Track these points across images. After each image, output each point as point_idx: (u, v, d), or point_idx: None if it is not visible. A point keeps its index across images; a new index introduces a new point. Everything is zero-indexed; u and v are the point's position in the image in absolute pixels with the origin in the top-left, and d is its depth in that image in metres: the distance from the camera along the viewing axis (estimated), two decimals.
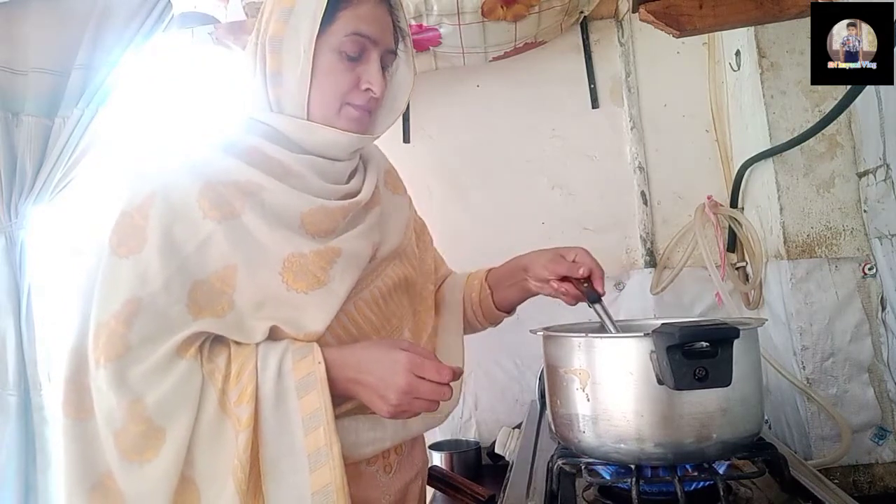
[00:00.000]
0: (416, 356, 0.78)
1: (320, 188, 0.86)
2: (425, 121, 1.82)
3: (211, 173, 0.81)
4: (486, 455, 1.61)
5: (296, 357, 0.77)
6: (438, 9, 1.47)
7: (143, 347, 0.74)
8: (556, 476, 0.90)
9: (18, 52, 1.66)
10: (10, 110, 1.65)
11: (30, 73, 1.64)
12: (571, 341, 0.89)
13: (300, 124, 0.86)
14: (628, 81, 1.75)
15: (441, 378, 0.77)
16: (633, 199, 1.73)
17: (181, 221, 0.78)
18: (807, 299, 1.28)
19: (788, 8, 1.10)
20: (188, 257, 0.77)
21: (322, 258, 0.81)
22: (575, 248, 1.00)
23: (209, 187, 0.80)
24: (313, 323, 0.80)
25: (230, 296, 0.78)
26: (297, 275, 0.80)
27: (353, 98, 0.87)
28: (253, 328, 0.79)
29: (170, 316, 0.76)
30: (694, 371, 0.74)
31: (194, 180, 0.80)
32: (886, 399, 1.25)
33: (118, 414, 0.73)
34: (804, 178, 1.32)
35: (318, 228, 0.83)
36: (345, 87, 0.86)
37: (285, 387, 0.75)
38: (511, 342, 1.69)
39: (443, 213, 1.79)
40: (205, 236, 0.78)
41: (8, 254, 1.63)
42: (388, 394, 0.76)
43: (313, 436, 0.74)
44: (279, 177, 0.83)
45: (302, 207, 0.83)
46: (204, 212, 0.78)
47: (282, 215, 0.82)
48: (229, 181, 0.81)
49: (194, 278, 0.77)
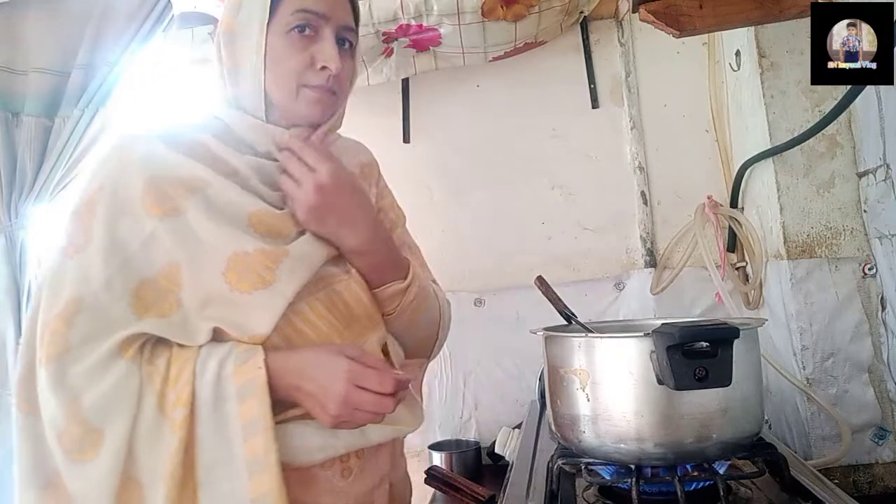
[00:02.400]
0: (359, 365, 0.74)
1: (265, 193, 0.82)
2: (425, 121, 1.82)
3: (155, 168, 0.78)
4: (486, 455, 1.61)
5: (237, 361, 0.74)
6: (438, 9, 1.47)
7: (83, 347, 0.73)
8: (556, 476, 0.90)
9: (18, 52, 1.65)
10: (10, 110, 1.65)
11: (30, 73, 1.64)
12: (571, 341, 0.89)
13: (251, 123, 0.84)
14: (628, 81, 1.75)
15: (383, 389, 0.73)
16: (633, 199, 1.74)
17: (126, 217, 0.76)
18: (807, 299, 1.28)
19: (788, 8, 1.10)
20: (133, 255, 0.76)
21: (267, 257, 0.77)
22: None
23: (152, 183, 0.77)
24: (258, 325, 0.76)
25: (177, 294, 0.76)
26: (240, 274, 0.76)
27: (310, 79, 0.83)
28: (197, 329, 0.76)
29: (111, 315, 0.73)
30: (694, 371, 0.75)
31: (139, 175, 0.77)
32: (886, 399, 1.25)
33: (58, 413, 0.72)
34: (804, 178, 1.32)
35: (268, 229, 0.80)
36: (298, 67, 0.82)
37: (224, 391, 0.73)
38: (511, 342, 1.69)
39: (443, 213, 1.79)
40: (149, 233, 0.76)
41: (8, 254, 1.63)
42: (327, 403, 0.73)
43: (251, 443, 0.71)
44: (225, 175, 0.80)
45: (249, 206, 0.80)
46: (147, 208, 0.76)
47: (228, 213, 0.78)
48: (174, 177, 0.78)
49: (141, 276, 0.75)
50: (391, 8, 1.49)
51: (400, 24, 1.53)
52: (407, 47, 1.64)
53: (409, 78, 1.79)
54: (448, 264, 1.75)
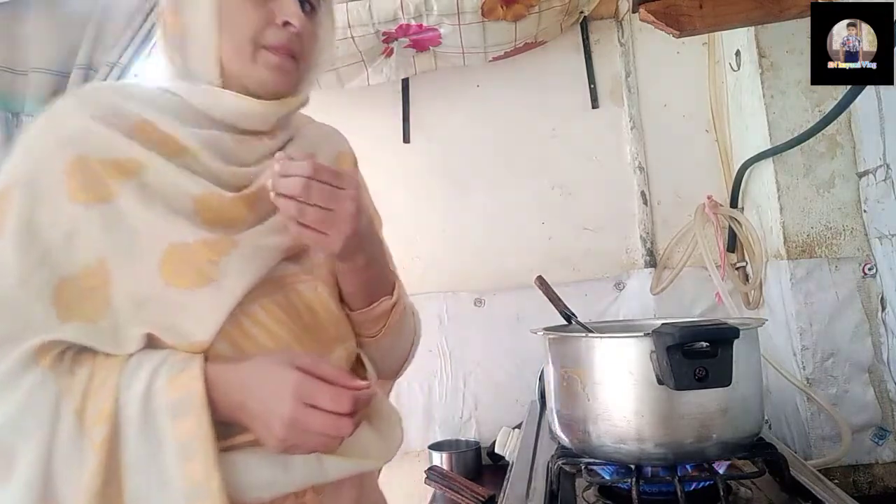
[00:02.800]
0: (309, 378, 0.62)
1: (218, 171, 0.71)
2: (425, 121, 1.82)
3: (85, 148, 0.66)
4: (486, 455, 1.61)
5: (172, 372, 0.62)
6: (438, 9, 1.47)
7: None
8: (556, 476, 0.90)
9: (18, 52, 1.65)
10: (10, 110, 1.65)
11: (30, 73, 1.64)
12: (571, 341, 0.89)
13: (204, 90, 0.73)
14: (628, 81, 1.75)
15: (338, 407, 0.61)
16: (633, 199, 1.74)
17: (46, 205, 0.65)
18: (807, 299, 1.28)
19: (788, 8, 1.10)
20: (53, 248, 0.64)
21: (211, 249, 0.66)
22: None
23: (80, 164, 0.66)
24: (198, 328, 0.65)
25: (105, 294, 0.64)
26: (178, 269, 0.65)
27: (269, 38, 0.72)
28: (126, 337, 0.64)
29: (27, 316, 0.63)
30: (694, 371, 0.75)
31: (65, 155, 0.66)
32: (886, 399, 1.25)
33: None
34: (804, 178, 1.32)
35: (216, 217, 0.68)
36: (256, 25, 0.72)
37: (154, 407, 0.61)
38: (511, 342, 1.69)
39: (443, 213, 1.79)
40: (71, 223, 0.64)
41: None
42: (273, 424, 0.61)
43: (189, 468, 0.60)
44: (168, 155, 0.69)
45: (194, 190, 0.68)
46: (71, 194, 0.65)
47: (168, 198, 0.67)
48: (107, 158, 0.66)
49: (61, 273, 0.64)
50: (391, 8, 1.49)
51: (400, 24, 1.53)
52: (407, 47, 1.64)
53: (409, 78, 1.79)
54: (448, 264, 1.75)
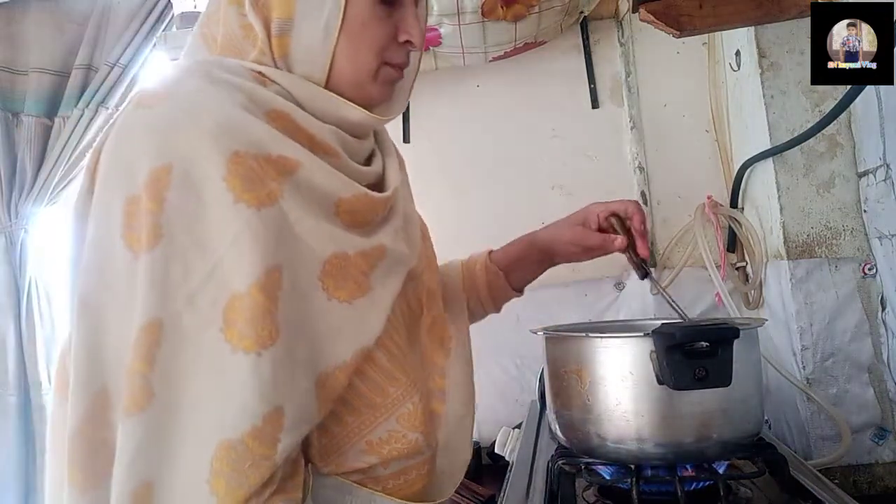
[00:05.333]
0: None
1: (356, 170, 0.66)
2: (425, 121, 1.82)
3: (238, 142, 0.56)
4: (486, 455, 1.60)
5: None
6: (438, 9, 1.47)
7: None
8: (556, 476, 0.90)
9: (18, 52, 1.66)
10: (10, 110, 1.66)
11: (30, 73, 1.65)
12: (571, 341, 0.89)
13: (320, 93, 0.65)
14: (628, 81, 1.75)
15: None
16: (633, 199, 1.73)
17: (209, 207, 0.54)
18: (807, 299, 1.28)
19: (788, 8, 1.10)
20: (222, 258, 0.54)
21: (366, 260, 0.63)
22: (593, 208, 0.89)
23: (239, 160, 0.55)
24: (350, 345, 0.61)
25: (274, 316, 0.54)
26: (338, 282, 0.60)
27: (392, 55, 0.67)
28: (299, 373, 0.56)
29: (202, 344, 0.53)
30: (694, 371, 0.75)
31: (218, 150, 0.55)
32: (886, 399, 1.25)
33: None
34: (804, 178, 1.32)
35: (355, 219, 0.63)
36: (384, 40, 0.66)
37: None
38: (511, 342, 1.69)
39: (443, 213, 1.78)
40: (240, 228, 0.54)
41: (8, 254, 1.63)
42: None
43: None
44: (315, 151, 0.62)
45: (341, 192, 0.62)
46: (236, 194, 0.54)
47: (319, 201, 0.60)
48: (260, 154, 0.56)
49: (232, 290, 0.53)
50: None
51: None
52: None
53: None
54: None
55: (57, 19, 1.65)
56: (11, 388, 1.61)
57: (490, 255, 0.98)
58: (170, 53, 1.62)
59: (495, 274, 0.95)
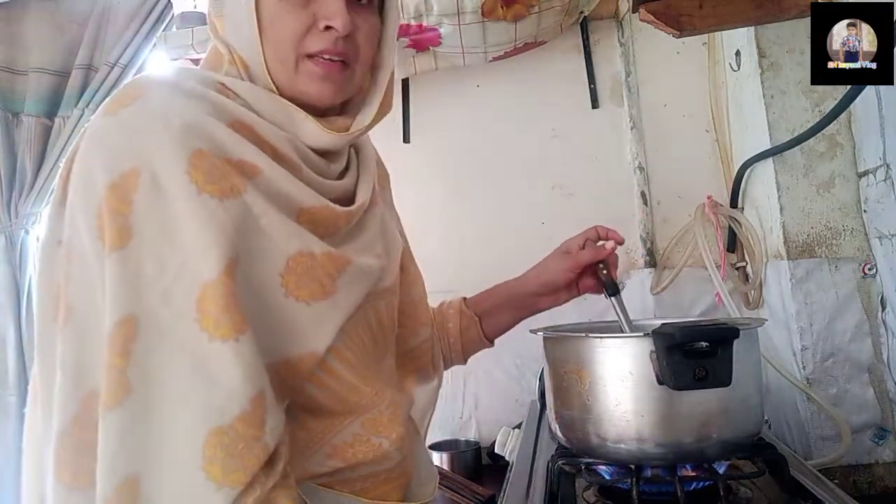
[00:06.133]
0: None
1: (319, 183, 0.66)
2: (425, 121, 1.82)
3: (201, 144, 0.57)
4: (486, 455, 1.60)
5: None
6: (438, 9, 1.47)
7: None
8: (556, 476, 0.90)
9: (18, 52, 1.66)
10: (10, 110, 1.66)
11: (30, 73, 1.65)
12: (571, 341, 0.89)
13: (278, 103, 0.66)
14: (628, 81, 1.75)
15: None
16: (633, 199, 1.73)
17: (173, 203, 0.55)
18: (807, 299, 1.28)
19: (788, 8, 1.10)
20: (191, 250, 0.55)
21: (333, 263, 0.63)
22: (568, 241, 0.98)
23: (202, 156, 0.56)
24: (306, 343, 0.61)
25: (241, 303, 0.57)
26: (300, 279, 0.60)
27: (311, 45, 0.64)
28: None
29: (178, 336, 0.54)
30: (694, 371, 0.75)
31: (182, 152, 0.56)
32: (886, 399, 1.25)
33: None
34: (804, 178, 1.32)
35: (316, 230, 0.64)
36: (298, 31, 0.64)
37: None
38: (511, 342, 1.67)
39: (443, 213, 1.79)
40: (205, 217, 0.55)
41: (8, 254, 1.63)
42: None
43: None
44: (276, 160, 0.62)
45: (303, 201, 0.63)
46: (199, 185, 0.55)
47: (281, 204, 0.61)
48: (223, 156, 0.58)
49: (203, 279, 0.54)
50: None
51: (400, 24, 1.53)
52: (407, 47, 1.64)
53: (409, 78, 1.79)
54: (448, 264, 1.75)
55: (57, 19, 1.65)
56: (11, 388, 1.61)
57: (464, 300, 0.99)
58: (170, 53, 1.62)
59: (470, 321, 0.96)
